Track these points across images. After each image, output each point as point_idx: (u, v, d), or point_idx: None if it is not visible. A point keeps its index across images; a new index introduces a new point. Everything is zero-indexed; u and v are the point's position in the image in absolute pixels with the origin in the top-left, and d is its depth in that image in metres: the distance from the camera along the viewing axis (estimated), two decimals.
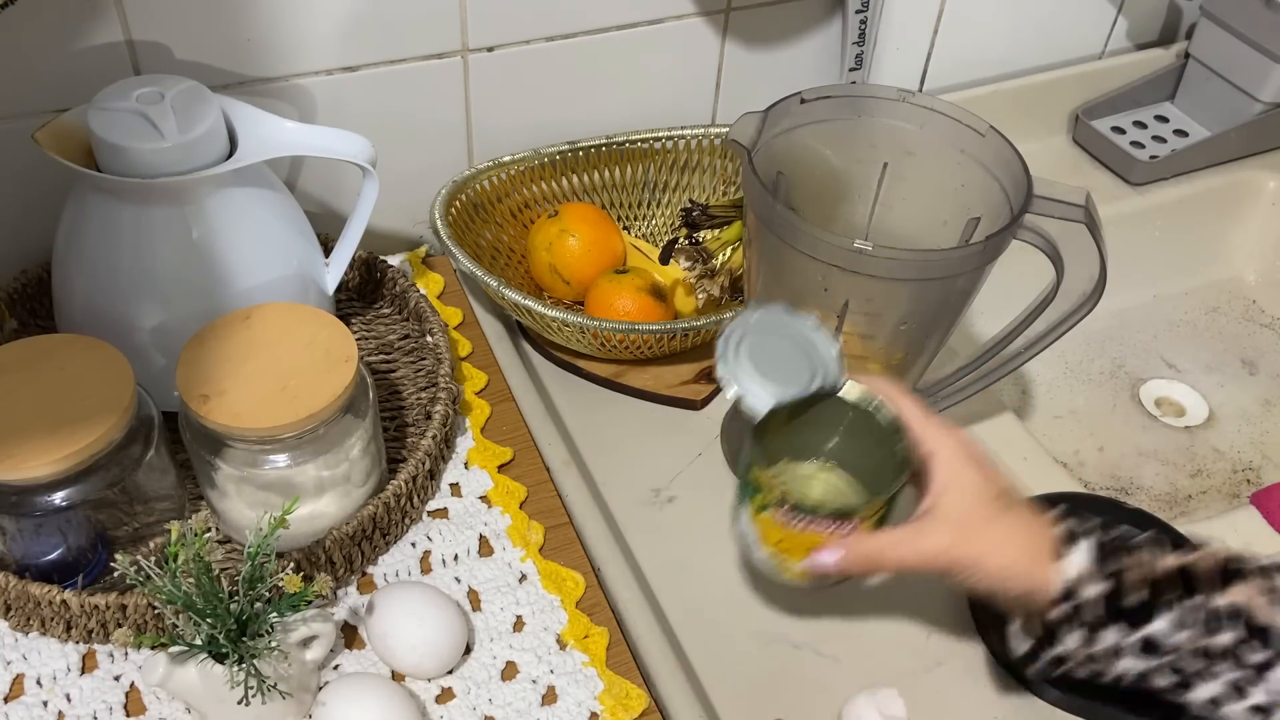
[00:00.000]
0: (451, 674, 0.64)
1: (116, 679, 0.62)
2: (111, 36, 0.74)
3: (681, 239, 0.84)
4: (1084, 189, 0.63)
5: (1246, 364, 1.02)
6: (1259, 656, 0.53)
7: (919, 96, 0.68)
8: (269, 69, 0.80)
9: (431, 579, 0.69)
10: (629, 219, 0.96)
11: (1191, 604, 0.54)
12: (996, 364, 0.74)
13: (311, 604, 0.58)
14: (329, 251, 0.80)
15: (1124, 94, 1.11)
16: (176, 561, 0.54)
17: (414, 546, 0.70)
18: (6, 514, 0.60)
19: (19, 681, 0.62)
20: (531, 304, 0.77)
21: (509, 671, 0.64)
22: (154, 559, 0.54)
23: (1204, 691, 0.54)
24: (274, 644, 0.56)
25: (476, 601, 0.68)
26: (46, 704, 0.61)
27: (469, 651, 0.65)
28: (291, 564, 0.63)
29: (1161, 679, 0.55)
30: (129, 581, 0.54)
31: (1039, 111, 1.10)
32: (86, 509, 0.61)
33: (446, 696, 0.63)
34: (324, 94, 0.83)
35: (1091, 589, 0.55)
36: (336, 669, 0.64)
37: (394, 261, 0.87)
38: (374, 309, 0.86)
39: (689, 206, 0.84)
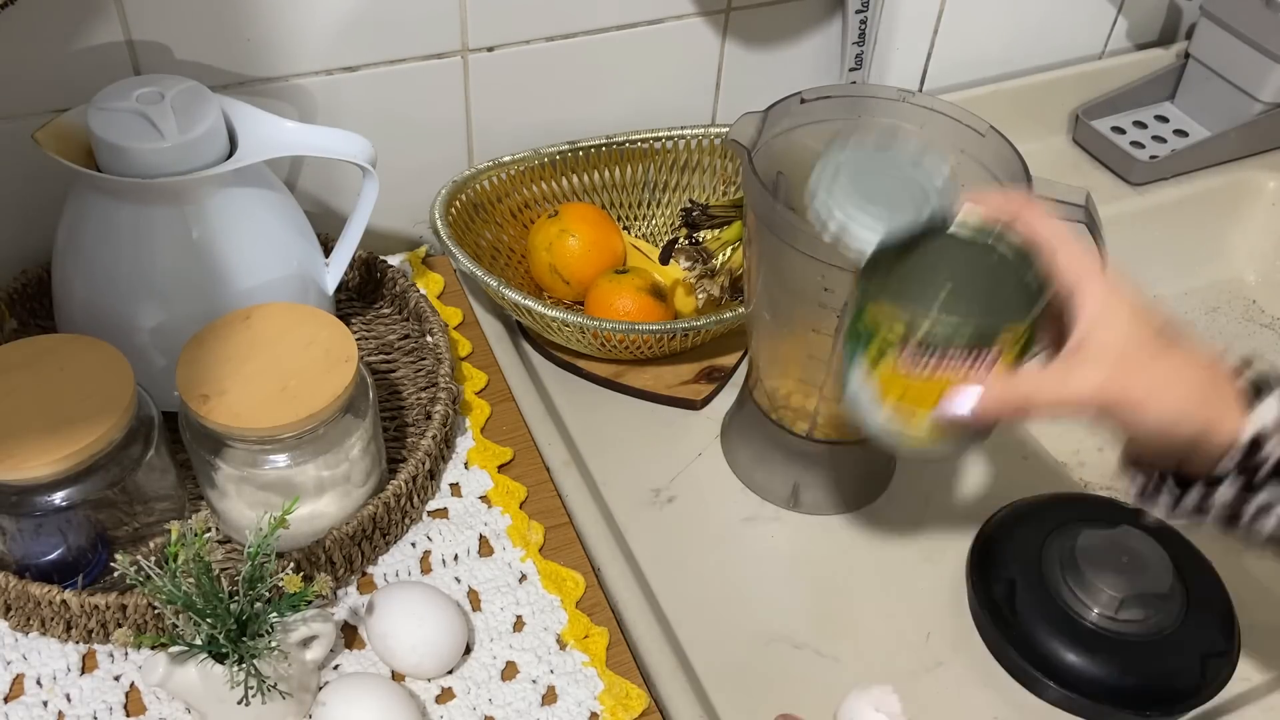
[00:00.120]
0: (451, 674, 0.64)
1: (116, 679, 0.62)
2: (111, 36, 0.74)
3: (681, 239, 0.84)
4: (1084, 189, 0.63)
5: None
6: None
7: (919, 96, 0.68)
8: (269, 69, 0.80)
9: (431, 579, 0.69)
10: (629, 219, 0.96)
11: None
12: None
13: (311, 604, 0.58)
14: (329, 251, 0.80)
15: (1124, 94, 1.11)
16: (176, 561, 0.54)
17: (414, 546, 0.70)
18: (6, 514, 0.60)
19: (19, 681, 0.62)
20: (531, 304, 0.77)
21: (509, 671, 0.64)
22: (154, 559, 0.54)
23: None
24: (274, 644, 0.56)
25: (476, 601, 0.68)
26: (46, 704, 0.61)
27: (469, 651, 0.65)
28: (291, 564, 0.63)
29: None
30: (129, 581, 0.54)
31: (1039, 111, 1.10)
32: (86, 509, 0.61)
33: (446, 696, 0.63)
34: (324, 94, 0.83)
35: (1277, 443, 0.51)
36: (336, 669, 0.64)
37: (394, 261, 0.87)
38: (374, 309, 0.86)
39: (689, 206, 0.84)
